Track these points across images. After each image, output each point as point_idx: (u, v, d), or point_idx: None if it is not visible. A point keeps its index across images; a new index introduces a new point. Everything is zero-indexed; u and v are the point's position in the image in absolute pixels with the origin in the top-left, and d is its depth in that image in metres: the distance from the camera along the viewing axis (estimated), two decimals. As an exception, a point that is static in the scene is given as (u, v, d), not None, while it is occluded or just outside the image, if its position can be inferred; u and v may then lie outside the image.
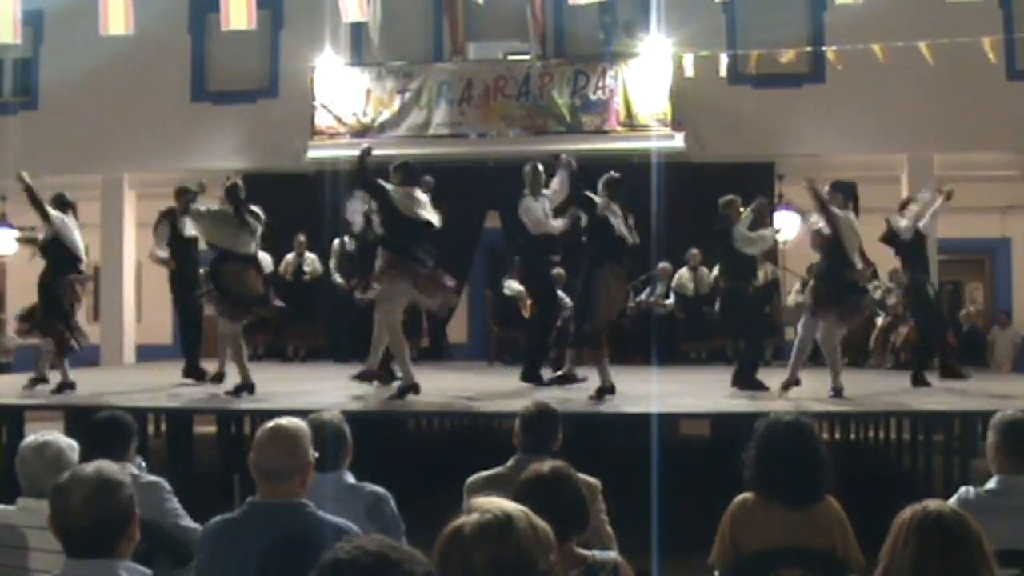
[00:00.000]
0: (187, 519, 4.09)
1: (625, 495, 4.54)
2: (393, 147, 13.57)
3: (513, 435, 4.23)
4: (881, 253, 9.62)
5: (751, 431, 3.70)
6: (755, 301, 9.34)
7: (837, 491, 3.62)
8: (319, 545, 1.83)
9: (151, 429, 9.17)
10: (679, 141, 13.09)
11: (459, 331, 15.17)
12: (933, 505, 2.44)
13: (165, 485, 4.15)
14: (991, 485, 3.64)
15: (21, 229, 8.41)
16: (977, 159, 13.67)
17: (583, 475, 3.34)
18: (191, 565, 3.25)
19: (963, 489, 3.63)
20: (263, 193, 10.34)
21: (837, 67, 12.34)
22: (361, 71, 13.99)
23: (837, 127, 13.39)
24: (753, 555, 3.48)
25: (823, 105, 13.43)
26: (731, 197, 8.66)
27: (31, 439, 3.51)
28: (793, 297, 12.42)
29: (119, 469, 2.81)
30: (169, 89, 14.54)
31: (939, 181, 8.27)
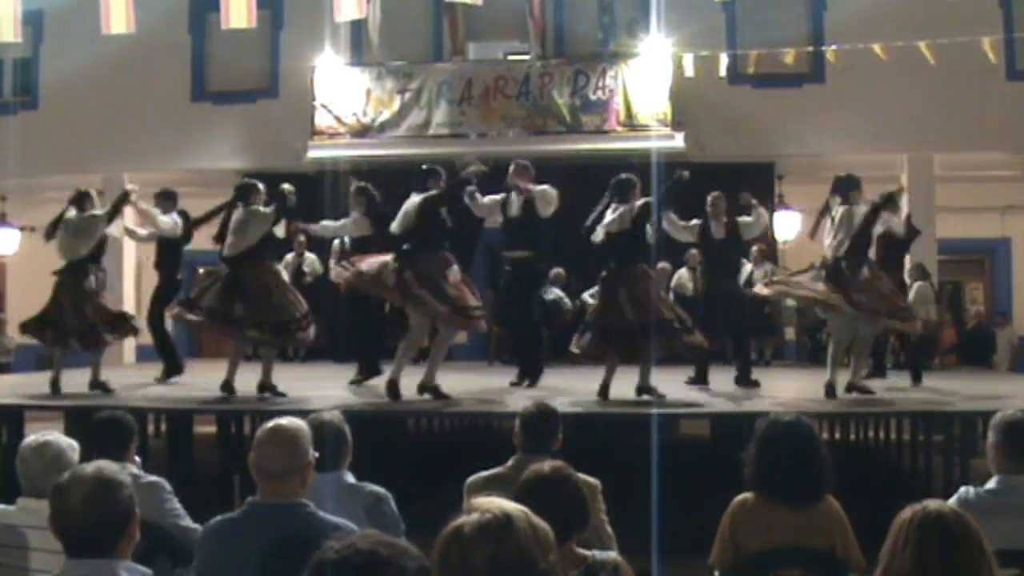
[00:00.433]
0: (187, 519, 4.09)
1: (625, 495, 4.53)
2: (393, 147, 13.63)
3: (513, 435, 4.23)
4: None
5: (751, 431, 3.71)
6: (741, 299, 9.25)
7: (837, 491, 3.62)
8: (319, 545, 1.82)
9: (151, 429, 9.17)
10: (679, 141, 13.08)
11: (459, 331, 15.15)
12: (933, 505, 2.44)
13: (165, 485, 4.15)
14: (991, 485, 3.64)
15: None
16: (977, 159, 13.67)
17: (583, 475, 3.34)
18: (191, 565, 3.25)
19: (963, 489, 3.63)
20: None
21: (837, 67, 12.35)
22: (361, 71, 13.99)
23: (837, 127, 13.39)
24: (753, 555, 3.48)
25: (823, 105, 13.42)
26: (716, 194, 8.64)
27: (31, 439, 3.51)
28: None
29: (119, 469, 2.81)
30: (169, 89, 14.54)
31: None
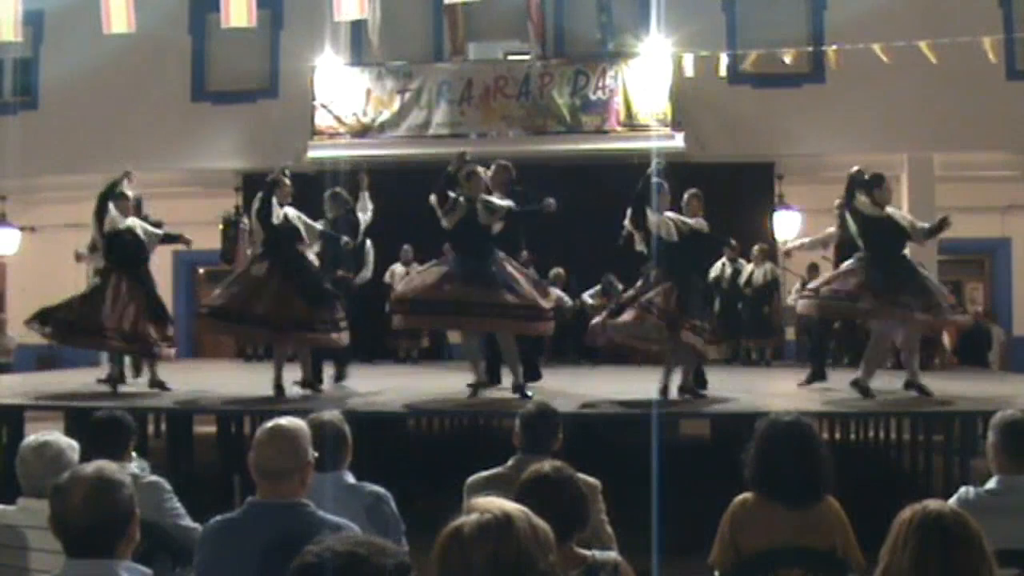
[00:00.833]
0: (187, 519, 4.09)
1: (625, 495, 4.53)
2: (393, 147, 13.63)
3: (513, 435, 4.23)
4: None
5: (751, 431, 3.70)
6: (702, 293, 8.84)
7: (837, 491, 3.61)
8: (319, 545, 1.83)
9: (151, 429, 9.17)
10: (679, 141, 13.09)
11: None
12: (933, 505, 2.44)
13: (165, 485, 4.14)
14: (991, 485, 3.64)
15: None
16: (977, 159, 13.67)
17: (583, 475, 3.34)
18: (191, 565, 3.25)
19: (963, 489, 3.63)
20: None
21: (837, 67, 12.34)
22: (361, 71, 13.99)
23: (837, 127, 13.38)
24: (753, 555, 3.47)
25: (823, 105, 13.42)
26: (693, 191, 8.48)
27: (31, 439, 3.52)
28: (793, 297, 12.36)
29: (119, 469, 2.81)
30: (169, 89, 14.54)
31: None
